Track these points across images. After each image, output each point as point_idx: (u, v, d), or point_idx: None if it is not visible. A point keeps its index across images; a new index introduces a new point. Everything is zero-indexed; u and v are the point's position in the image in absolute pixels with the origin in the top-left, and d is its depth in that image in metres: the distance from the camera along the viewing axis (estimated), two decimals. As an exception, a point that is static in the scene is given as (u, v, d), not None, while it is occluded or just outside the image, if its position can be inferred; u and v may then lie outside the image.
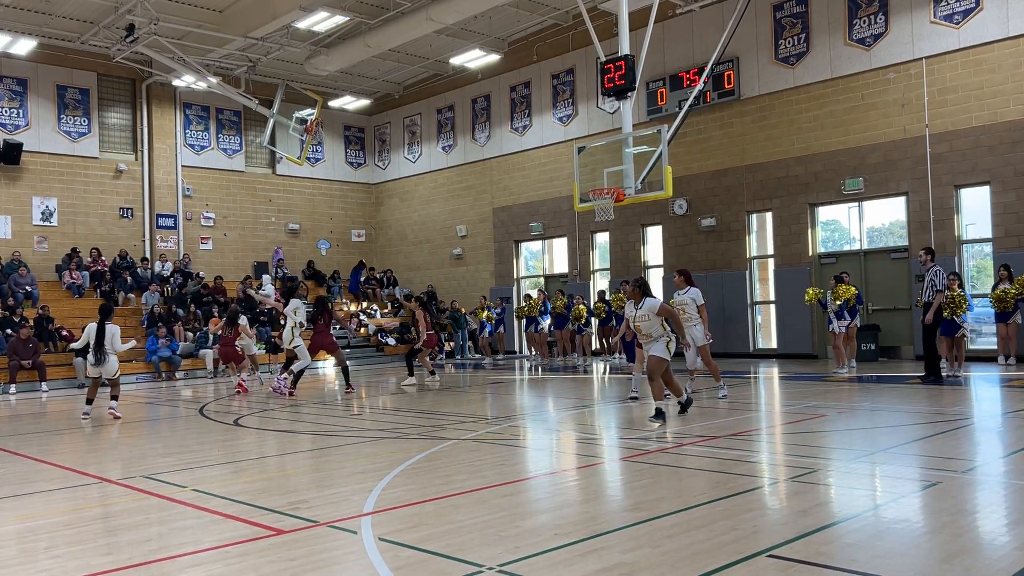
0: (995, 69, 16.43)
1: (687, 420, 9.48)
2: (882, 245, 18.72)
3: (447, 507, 5.58)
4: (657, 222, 21.89)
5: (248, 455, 8.25)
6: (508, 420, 10.31)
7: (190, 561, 4.53)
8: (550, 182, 24.18)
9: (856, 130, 18.30)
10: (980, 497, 5.65)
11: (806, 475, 6.28)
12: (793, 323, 19.18)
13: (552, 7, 22.30)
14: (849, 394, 11.92)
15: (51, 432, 10.84)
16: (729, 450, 7.42)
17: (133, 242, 24.80)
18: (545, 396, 12.86)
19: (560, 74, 23.93)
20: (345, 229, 29.55)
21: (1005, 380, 12.99)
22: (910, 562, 4.17)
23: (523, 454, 8.02)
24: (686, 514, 5.18)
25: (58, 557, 4.70)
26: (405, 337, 24.17)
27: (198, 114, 26.17)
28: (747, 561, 4.19)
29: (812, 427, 8.74)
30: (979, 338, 17.47)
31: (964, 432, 8.35)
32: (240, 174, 27.06)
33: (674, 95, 20.89)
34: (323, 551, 4.64)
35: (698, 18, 20.75)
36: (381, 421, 10.82)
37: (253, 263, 27.04)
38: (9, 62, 22.58)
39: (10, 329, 18.58)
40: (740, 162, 20.19)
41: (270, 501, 5.89)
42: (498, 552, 4.48)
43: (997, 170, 16.48)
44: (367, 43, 21.98)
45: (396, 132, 29.25)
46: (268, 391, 14.97)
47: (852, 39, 18.28)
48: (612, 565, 4.20)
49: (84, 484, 6.84)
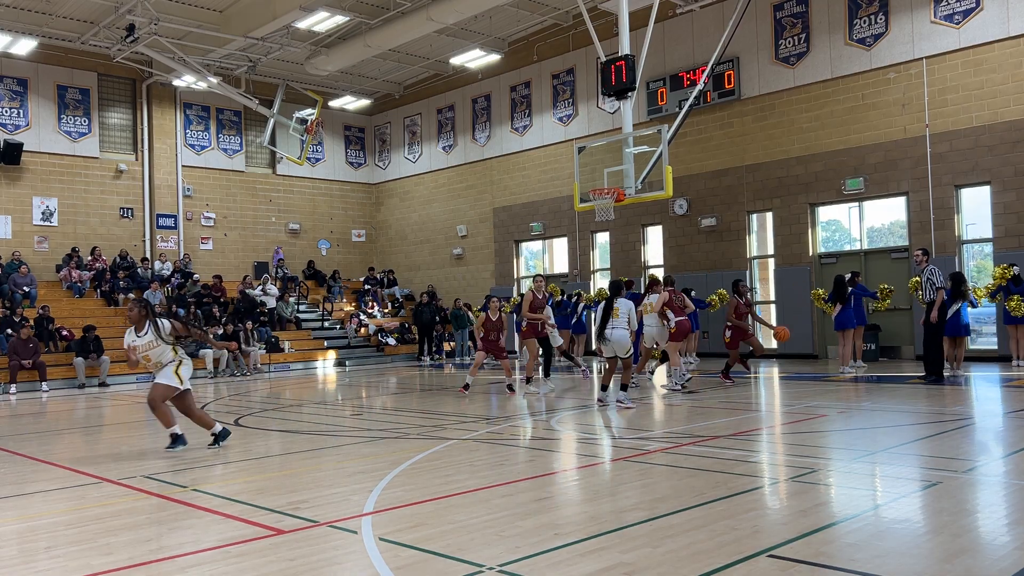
0: (995, 69, 16.43)
1: (687, 420, 9.48)
2: (882, 245, 18.71)
3: (447, 507, 5.57)
4: (657, 222, 21.89)
5: (248, 455, 8.25)
6: (508, 420, 10.31)
7: (190, 561, 4.53)
8: (550, 182, 24.18)
9: (856, 130, 18.29)
10: (980, 497, 5.65)
11: (806, 475, 6.28)
12: (794, 323, 19.14)
13: (552, 7, 22.30)
14: (849, 394, 11.91)
15: (51, 432, 10.85)
16: (729, 450, 7.42)
17: (133, 242, 24.81)
18: (544, 396, 12.83)
19: (560, 74, 23.93)
20: (345, 229, 29.55)
21: (1005, 380, 12.99)
22: (910, 562, 4.17)
23: (523, 454, 8.01)
24: (686, 514, 5.17)
25: (58, 557, 4.70)
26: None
27: (198, 114, 26.17)
28: (747, 561, 4.18)
29: (812, 427, 8.73)
30: (979, 338, 17.48)
31: (964, 432, 8.34)
32: (240, 174, 27.07)
33: (674, 95, 20.89)
34: (323, 551, 4.63)
35: (698, 18, 20.75)
36: (381, 421, 10.82)
37: (253, 263, 27.05)
38: (9, 62, 22.59)
39: (10, 329, 18.58)
40: (740, 162, 20.19)
41: (270, 501, 5.89)
42: (498, 552, 4.48)
43: (997, 170, 16.48)
44: (367, 43, 21.98)
45: (396, 132, 29.25)
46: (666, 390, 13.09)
47: (852, 39, 18.28)
48: (612, 565, 4.20)
49: (84, 484, 6.84)
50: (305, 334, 24.17)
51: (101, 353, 18.86)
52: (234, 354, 20.44)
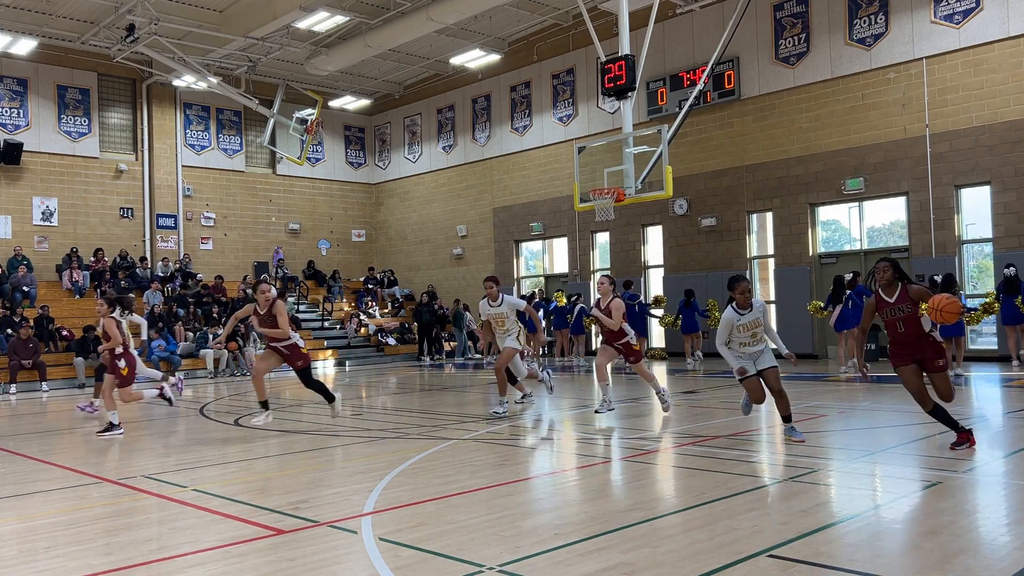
0: (995, 69, 16.43)
1: (687, 420, 9.48)
2: (882, 245, 18.71)
3: (447, 507, 5.57)
4: (657, 222, 21.89)
5: (248, 455, 8.25)
6: (508, 420, 10.30)
7: (190, 561, 4.53)
8: (550, 182, 24.18)
9: (856, 130, 18.30)
10: (980, 497, 5.65)
11: (806, 475, 6.28)
12: (794, 323, 19.16)
13: (552, 7, 22.30)
14: (849, 394, 11.91)
15: (51, 432, 10.85)
16: (729, 450, 7.42)
17: (133, 242, 24.81)
18: (544, 396, 12.83)
19: (560, 74, 23.93)
20: (345, 229, 29.55)
21: (1005, 380, 12.99)
22: (910, 562, 4.17)
23: (523, 454, 8.01)
24: (686, 514, 5.18)
25: (58, 557, 4.70)
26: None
27: (198, 114, 26.17)
28: (747, 561, 4.18)
29: (812, 427, 8.73)
30: (979, 338, 17.48)
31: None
32: (240, 174, 27.07)
33: (674, 95, 20.89)
34: (323, 551, 4.63)
35: (698, 18, 20.75)
36: (381, 421, 10.82)
37: (253, 263, 27.05)
38: (9, 62, 22.58)
39: (10, 329, 18.58)
40: (740, 162, 20.19)
41: (270, 501, 5.89)
42: (498, 552, 4.48)
43: (997, 170, 16.48)
44: (367, 43, 21.98)
45: (396, 132, 29.25)
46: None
47: (852, 39, 18.28)
48: (612, 565, 4.20)
49: (84, 484, 6.84)
50: (305, 334, 24.14)
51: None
52: (234, 354, 20.47)
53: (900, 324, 6.96)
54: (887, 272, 7.06)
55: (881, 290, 7.10)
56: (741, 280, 7.96)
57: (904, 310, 6.96)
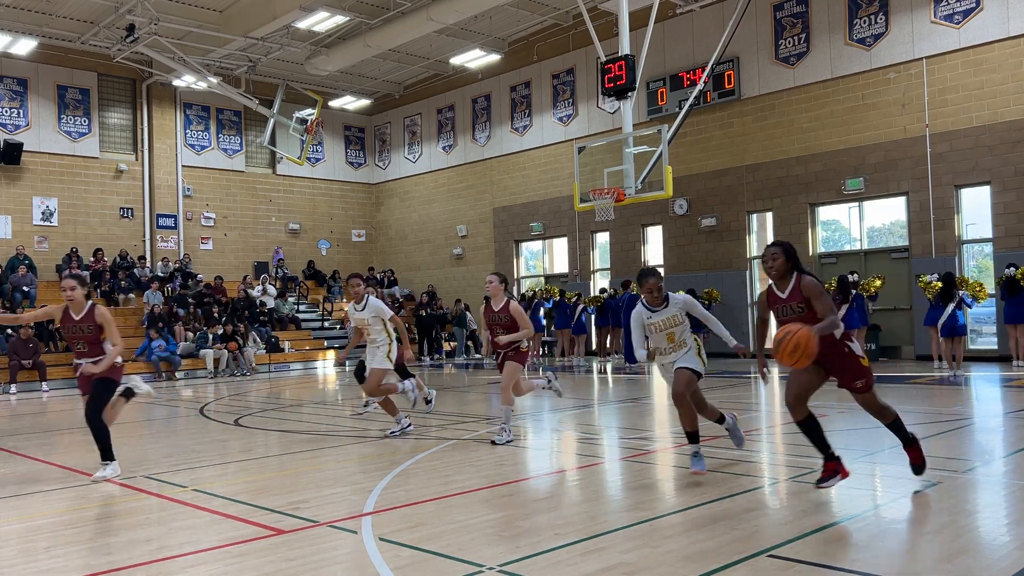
0: (995, 69, 16.42)
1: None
2: (882, 245, 18.71)
3: (447, 507, 5.57)
4: (657, 222, 21.89)
5: (248, 455, 8.25)
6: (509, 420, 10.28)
7: (190, 561, 4.53)
8: (550, 182, 24.18)
9: (856, 130, 18.29)
10: (980, 497, 5.65)
11: (806, 475, 6.27)
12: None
13: (552, 7, 22.30)
14: (849, 394, 11.87)
15: (51, 432, 10.84)
16: (729, 450, 7.42)
17: (133, 242, 24.80)
18: (544, 396, 12.82)
19: (560, 74, 23.93)
20: (345, 229, 29.55)
21: (1005, 380, 12.98)
22: (910, 562, 4.17)
23: (523, 454, 8.01)
24: (686, 514, 5.17)
25: (58, 557, 4.70)
26: None
27: (198, 114, 26.17)
28: (747, 561, 4.18)
29: (812, 427, 8.71)
30: (979, 338, 17.48)
31: (964, 432, 8.35)
32: (240, 174, 27.06)
33: (674, 95, 20.89)
34: (323, 551, 4.63)
35: (698, 18, 20.74)
36: (381, 421, 10.82)
37: (253, 263, 27.05)
38: (9, 62, 22.58)
39: (10, 329, 18.57)
40: (740, 162, 20.19)
41: (270, 501, 5.89)
42: (498, 552, 4.48)
43: (997, 170, 16.48)
44: (367, 43, 21.98)
45: (396, 132, 29.24)
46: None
47: (852, 39, 18.27)
48: (612, 565, 4.20)
49: (84, 484, 6.84)
50: (305, 334, 24.16)
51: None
52: (234, 354, 20.47)
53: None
54: (778, 259, 5.62)
55: (773, 283, 5.73)
56: (650, 275, 6.51)
57: (796, 309, 5.54)
